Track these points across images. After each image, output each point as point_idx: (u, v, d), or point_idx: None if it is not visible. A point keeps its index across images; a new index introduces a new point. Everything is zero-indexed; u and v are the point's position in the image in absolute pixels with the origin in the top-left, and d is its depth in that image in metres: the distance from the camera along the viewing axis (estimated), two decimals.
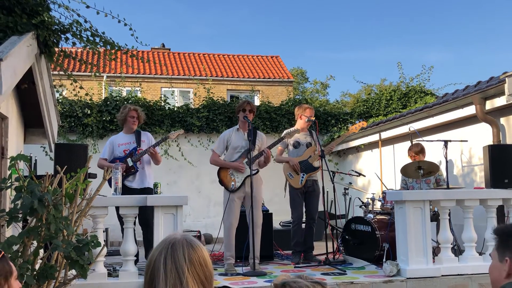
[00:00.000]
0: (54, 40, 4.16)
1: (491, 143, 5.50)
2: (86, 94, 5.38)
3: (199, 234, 7.87)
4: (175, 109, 9.48)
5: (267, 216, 5.93)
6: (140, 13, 48.66)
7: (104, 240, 4.93)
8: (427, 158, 5.96)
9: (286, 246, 6.16)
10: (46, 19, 3.90)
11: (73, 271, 2.98)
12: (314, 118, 5.71)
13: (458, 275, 4.41)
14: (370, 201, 6.05)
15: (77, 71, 14.68)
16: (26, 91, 4.33)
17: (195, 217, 9.27)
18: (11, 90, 3.82)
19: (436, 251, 4.83)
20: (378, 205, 6.11)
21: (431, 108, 6.53)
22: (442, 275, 4.38)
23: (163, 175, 8.50)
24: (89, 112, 8.78)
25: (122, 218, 4.31)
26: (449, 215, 4.73)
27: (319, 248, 5.82)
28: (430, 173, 5.58)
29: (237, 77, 18.10)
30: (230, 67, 18.94)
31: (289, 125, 8.94)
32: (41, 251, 2.93)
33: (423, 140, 5.89)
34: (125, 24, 4.40)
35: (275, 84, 18.30)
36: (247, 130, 5.15)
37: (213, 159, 5.25)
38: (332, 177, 5.39)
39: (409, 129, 6.24)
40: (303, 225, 5.64)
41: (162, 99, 9.63)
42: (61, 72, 4.80)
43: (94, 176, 5.52)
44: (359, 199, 6.83)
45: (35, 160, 5.74)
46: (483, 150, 4.85)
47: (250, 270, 4.77)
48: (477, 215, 4.96)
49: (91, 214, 3.70)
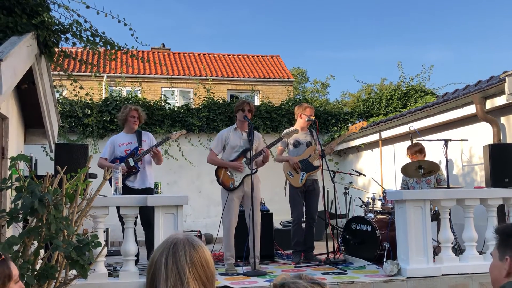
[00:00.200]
0: (54, 40, 4.16)
1: (492, 143, 5.50)
2: (86, 94, 5.37)
3: (200, 234, 7.87)
4: (175, 109, 9.48)
5: (268, 216, 5.93)
6: (140, 13, 48.72)
7: (105, 240, 4.94)
8: (428, 158, 5.95)
9: (287, 246, 6.15)
10: (46, 19, 3.89)
11: (74, 271, 2.98)
12: (314, 118, 5.71)
13: (459, 275, 4.41)
14: (371, 201, 6.06)
15: (77, 71, 14.68)
16: (26, 91, 4.32)
17: (196, 217, 9.27)
18: (11, 91, 3.82)
19: (437, 251, 4.83)
20: (379, 205, 6.11)
21: (432, 108, 6.53)
22: (443, 275, 4.37)
23: (164, 175, 8.50)
24: (89, 112, 8.78)
25: (123, 218, 4.32)
26: (450, 215, 4.73)
27: (320, 248, 5.82)
28: (431, 173, 5.58)
29: (237, 77, 18.09)
30: (230, 67, 18.93)
31: (290, 125, 8.93)
32: (42, 251, 2.93)
33: (424, 140, 5.89)
34: (125, 24, 4.40)
35: (275, 84, 18.29)
36: (246, 130, 5.14)
37: (211, 158, 5.24)
38: (333, 177, 5.39)
39: (410, 129, 6.24)
40: (303, 225, 5.64)
41: (162, 99, 9.63)
42: (61, 72, 4.80)
43: (95, 176, 5.52)
44: (360, 199, 6.84)
45: (36, 160, 5.74)
46: (484, 150, 4.85)
47: (251, 270, 4.77)
48: (478, 215, 4.96)
49: (92, 214, 3.70)
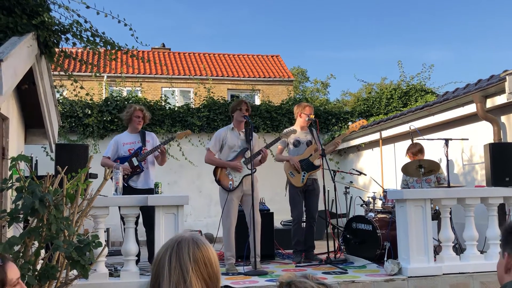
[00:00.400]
0: (55, 41, 4.16)
1: (492, 142, 5.49)
2: (87, 94, 5.37)
3: (200, 234, 7.87)
4: (176, 109, 9.48)
5: (268, 215, 5.93)
6: (140, 13, 48.67)
7: (105, 240, 4.94)
8: (428, 157, 5.95)
9: (287, 245, 6.15)
10: (46, 20, 3.89)
11: (75, 271, 2.98)
12: (314, 117, 5.70)
13: (460, 274, 4.41)
14: (371, 200, 6.05)
15: (78, 71, 14.67)
16: (27, 92, 4.32)
17: (196, 217, 9.28)
18: (12, 91, 3.83)
19: (438, 250, 4.83)
20: (379, 204, 6.11)
21: (432, 107, 6.53)
22: (444, 274, 4.37)
23: (164, 175, 8.50)
24: (90, 112, 8.78)
25: (123, 218, 4.32)
26: (450, 214, 4.73)
27: (320, 247, 5.81)
28: (431, 172, 5.58)
29: (238, 77, 18.08)
30: (231, 67, 18.92)
31: (290, 125, 8.93)
32: (42, 252, 2.94)
33: (424, 139, 5.88)
34: (125, 24, 4.40)
35: (276, 84, 18.28)
36: (243, 130, 5.13)
37: (209, 158, 5.20)
38: (333, 176, 5.39)
39: (410, 128, 6.24)
40: (304, 224, 5.64)
41: (163, 99, 9.64)
42: (62, 73, 4.80)
43: (95, 176, 5.53)
44: (360, 198, 6.83)
45: (36, 161, 5.74)
46: (484, 149, 4.85)
47: (251, 270, 4.77)
48: (478, 214, 4.96)
49: (92, 214, 3.71)
